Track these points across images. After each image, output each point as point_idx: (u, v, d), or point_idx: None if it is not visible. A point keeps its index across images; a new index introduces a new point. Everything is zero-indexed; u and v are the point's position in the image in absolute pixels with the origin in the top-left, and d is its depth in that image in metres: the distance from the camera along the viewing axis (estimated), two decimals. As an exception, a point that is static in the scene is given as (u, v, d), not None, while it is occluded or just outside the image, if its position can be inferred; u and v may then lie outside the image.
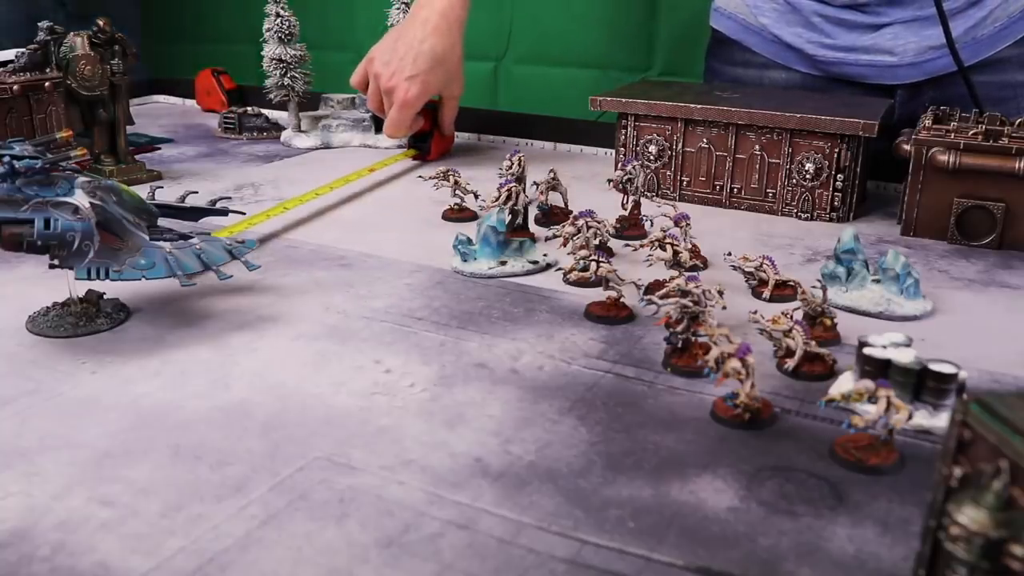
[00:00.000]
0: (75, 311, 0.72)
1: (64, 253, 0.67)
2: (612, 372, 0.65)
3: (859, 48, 1.17)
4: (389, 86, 1.19)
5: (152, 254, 0.70)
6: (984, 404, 0.34)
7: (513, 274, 0.84)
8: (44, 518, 0.48)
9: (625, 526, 0.48)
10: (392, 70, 1.19)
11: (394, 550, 0.46)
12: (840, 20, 1.17)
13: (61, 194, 0.67)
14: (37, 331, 0.72)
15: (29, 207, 0.66)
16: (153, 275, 0.70)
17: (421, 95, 1.19)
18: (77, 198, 0.67)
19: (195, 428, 0.57)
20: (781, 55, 1.24)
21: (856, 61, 1.18)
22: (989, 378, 0.65)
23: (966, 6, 1.12)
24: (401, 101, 1.18)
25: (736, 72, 1.29)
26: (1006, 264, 0.90)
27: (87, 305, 0.73)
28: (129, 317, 0.74)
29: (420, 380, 0.64)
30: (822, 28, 1.19)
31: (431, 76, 1.19)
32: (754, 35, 1.25)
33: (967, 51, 1.11)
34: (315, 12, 1.78)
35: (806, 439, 0.57)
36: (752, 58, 1.27)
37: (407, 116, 1.19)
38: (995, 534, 0.32)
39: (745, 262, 0.79)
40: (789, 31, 1.21)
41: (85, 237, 0.67)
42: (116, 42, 1.35)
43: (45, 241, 0.66)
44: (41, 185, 0.67)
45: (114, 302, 0.75)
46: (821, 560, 0.46)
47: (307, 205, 1.03)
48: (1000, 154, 0.90)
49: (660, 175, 1.10)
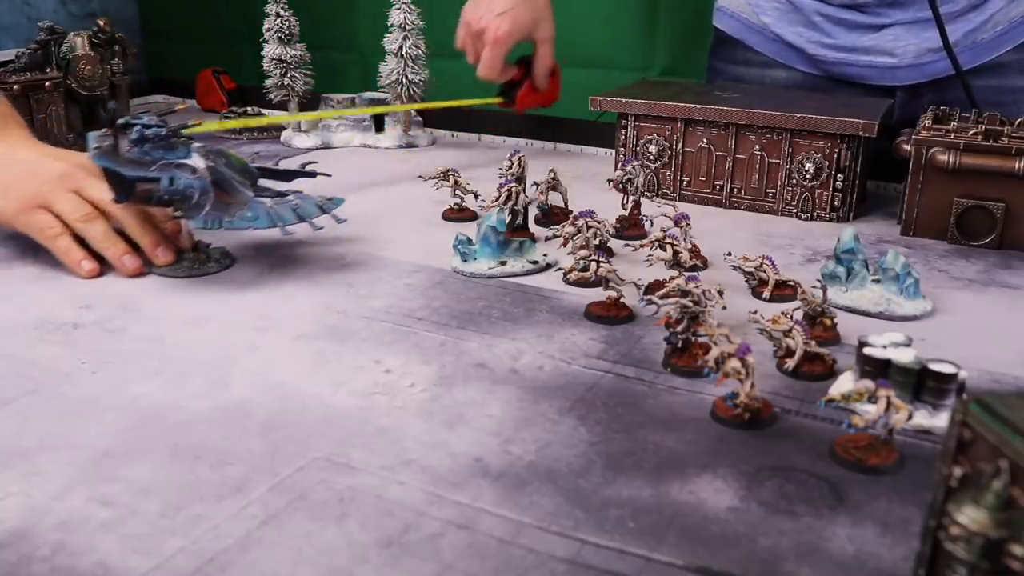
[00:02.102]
0: (189, 257, 0.84)
1: (185, 206, 0.78)
2: (612, 372, 0.65)
3: (859, 49, 1.17)
4: (479, 27, 1.18)
5: (257, 208, 0.81)
6: (984, 404, 0.34)
7: (513, 274, 0.84)
8: (44, 518, 0.48)
9: (625, 526, 0.48)
10: (481, 12, 1.19)
11: (394, 550, 0.46)
12: (840, 20, 1.17)
13: (181, 157, 0.78)
14: (159, 273, 0.83)
15: (156, 167, 0.77)
16: (258, 225, 0.81)
17: (511, 31, 1.18)
18: (194, 160, 0.78)
19: (195, 428, 0.57)
20: (783, 54, 1.24)
21: (856, 62, 1.18)
22: (989, 378, 0.65)
23: (967, 9, 1.12)
24: (492, 39, 1.17)
25: (738, 71, 1.29)
26: (1006, 264, 0.90)
27: (198, 252, 0.85)
28: (234, 263, 0.87)
29: (420, 380, 0.64)
30: (823, 28, 1.19)
31: (520, 11, 1.18)
32: (756, 34, 1.25)
33: (967, 55, 1.11)
34: (315, 12, 1.78)
35: (806, 439, 0.57)
36: (754, 57, 1.27)
37: (499, 54, 1.18)
38: (995, 534, 0.32)
39: (745, 262, 0.79)
40: (790, 30, 1.21)
41: (202, 193, 0.78)
42: (116, 42, 1.35)
43: (170, 196, 0.77)
44: (165, 149, 0.78)
45: (221, 250, 0.87)
46: (821, 560, 0.46)
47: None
48: (1000, 154, 0.90)
49: (660, 175, 1.10)
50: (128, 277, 0.82)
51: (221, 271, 0.85)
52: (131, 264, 0.83)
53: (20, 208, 0.84)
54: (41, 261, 0.86)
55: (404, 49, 1.33)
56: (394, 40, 1.34)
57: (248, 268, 0.86)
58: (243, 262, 0.87)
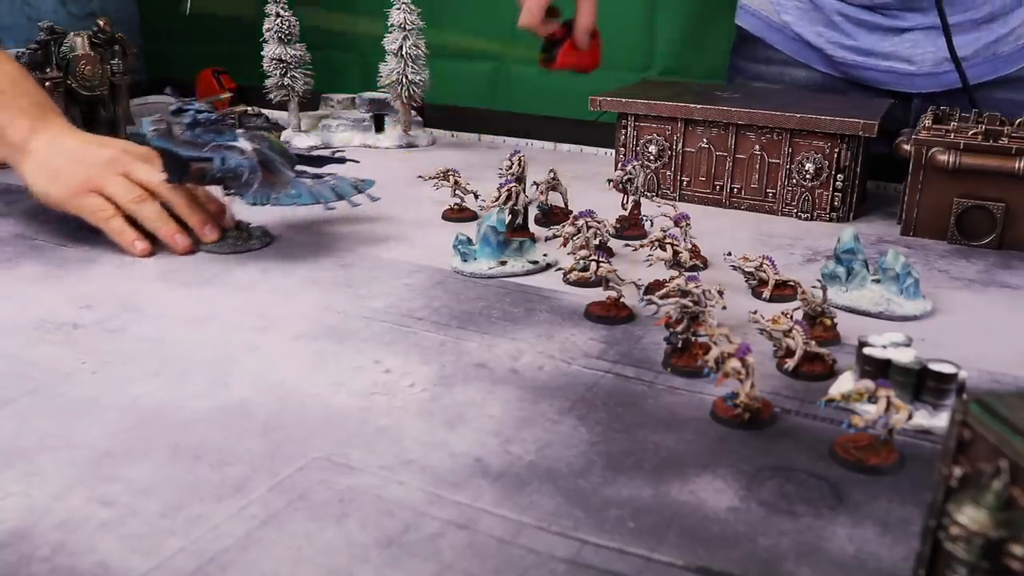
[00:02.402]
0: (233, 235, 0.90)
1: (236, 184, 0.85)
2: (612, 372, 0.65)
3: (878, 53, 1.17)
4: None
5: (299, 186, 0.88)
6: (984, 404, 0.34)
7: (513, 274, 0.84)
8: (44, 518, 0.48)
9: (625, 526, 0.48)
10: None
11: (394, 550, 0.46)
12: (860, 21, 1.17)
13: (229, 140, 0.85)
14: (206, 249, 0.89)
15: (208, 148, 0.84)
16: (301, 202, 0.88)
17: None
18: (241, 143, 0.86)
19: (195, 428, 0.57)
20: (802, 53, 1.24)
21: (875, 66, 1.18)
22: (989, 378, 0.65)
23: (988, 19, 1.11)
24: None
25: (759, 69, 1.29)
26: (1006, 264, 0.90)
27: (240, 231, 0.91)
28: (274, 240, 0.93)
29: (420, 380, 0.64)
30: (843, 28, 1.18)
31: None
32: (776, 32, 1.25)
33: (985, 67, 1.10)
34: (315, 13, 1.78)
35: (806, 439, 0.57)
36: (774, 55, 1.27)
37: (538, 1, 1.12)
38: (995, 534, 0.32)
39: (745, 262, 0.79)
40: (811, 30, 1.21)
41: (251, 172, 0.85)
42: (116, 42, 1.35)
43: (223, 175, 0.84)
44: (215, 132, 0.85)
45: (261, 228, 0.93)
46: (821, 560, 0.46)
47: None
48: (1000, 154, 0.90)
49: (660, 175, 1.10)
50: (180, 254, 0.88)
51: (262, 247, 0.91)
52: (183, 242, 0.88)
53: (72, 192, 0.88)
54: (41, 261, 0.86)
55: (404, 49, 1.33)
56: (394, 40, 1.34)
57: (249, 268, 0.86)
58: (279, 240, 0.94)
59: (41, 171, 0.90)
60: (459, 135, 1.47)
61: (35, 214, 1.02)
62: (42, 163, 0.90)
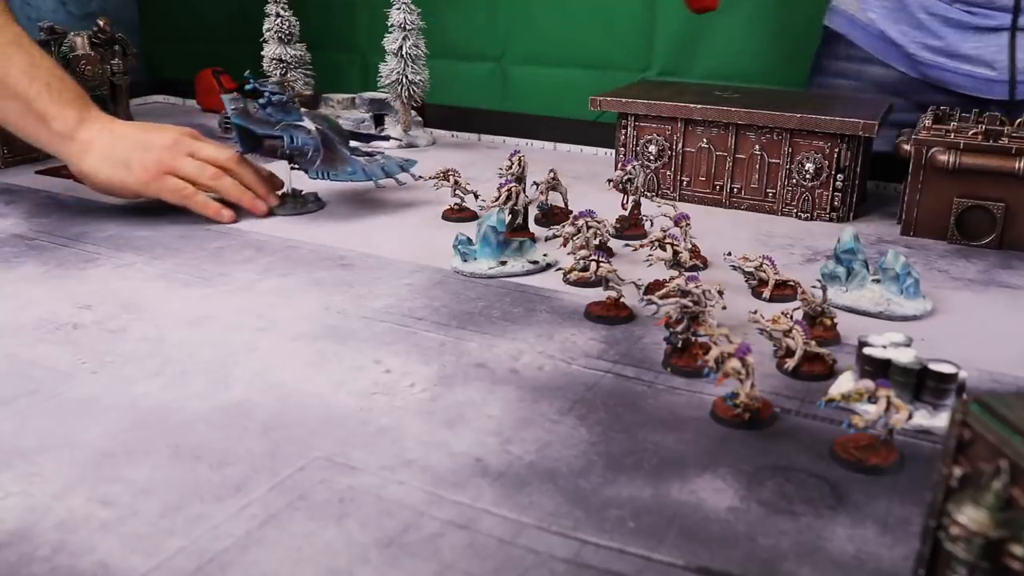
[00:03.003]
0: (291, 200, 1.03)
1: (302, 160, 0.98)
2: (612, 372, 0.65)
3: (960, 55, 1.16)
4: None
5: (354, 164, 1.00)
6: (984, 404, 0.34)
7: (513, 274, 0.84)
8: (44, 518, 0.48)
9: (625, 526, 0.48)
10: None
11: (394, 550, 0.46)
12: (947, 18, 1.16)
13: (295, 119, 0.97)
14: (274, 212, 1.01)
15: (279, 127, 0.97)
16: (356, 179, 1.00)
17: None
18: (307, 123, 0.97)
19: (195, 428, 0.57)
20: (883, 51, 1.24)
21: (956, 69, 1.17)
22: (989, 378, 0.65)
23: None
24: None
25: (840, 66, 1.29)
26: (1006, 264, 0.90)
27: (296, 197, 1.03)
28: (325, 206, 1.05)
29: (420, 380, 0.64)
30: (928, 27, 1.17)
31: None
32: (860, 30, 1.25)
33: None
34: (315, 12, 1.78)
35: (806, 439, 0.57)
36: (856, 53, 1.27)
37: None
38: (995, 534, 0.32)
39: (745, 262, 0.79)
40: (895, 28, 1.21)
41: (315, 150, 0.97)
42: (116, 42, 1.35)
43: (291, 151, 0.97)
44: (284, 112, 0.97)
45: (314, 194, 1.05)
46: (821, 560, 0.46)
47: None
48: (1000, 154, 0.90)
49: (660, 175, 1.10)
50: (260, 217, 0.99)
51: (317, 211, 1.03)
52: (261, 206, 1.00)
53: (151, 177, 0.96)
54: (41, 261, 0.86)
55: (404, 49, 1.33)
56: (394, 40, 1.34)
57: (249, 268, 0.86)
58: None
59: (107, 161, 0.95)
60: (459, 135, 1.47)
61: (35, 214, 1.02)
62: (106, 153, 0.95)
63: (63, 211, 1.04)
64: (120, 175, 0.96)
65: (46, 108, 0.94)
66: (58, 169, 1.22)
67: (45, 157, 1.27)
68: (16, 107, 0.94)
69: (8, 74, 0.92)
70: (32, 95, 0.93)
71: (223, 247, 0.91)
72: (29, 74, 0.94)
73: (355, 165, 0.99)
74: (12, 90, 0.93)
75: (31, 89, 0.94)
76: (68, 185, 1.15)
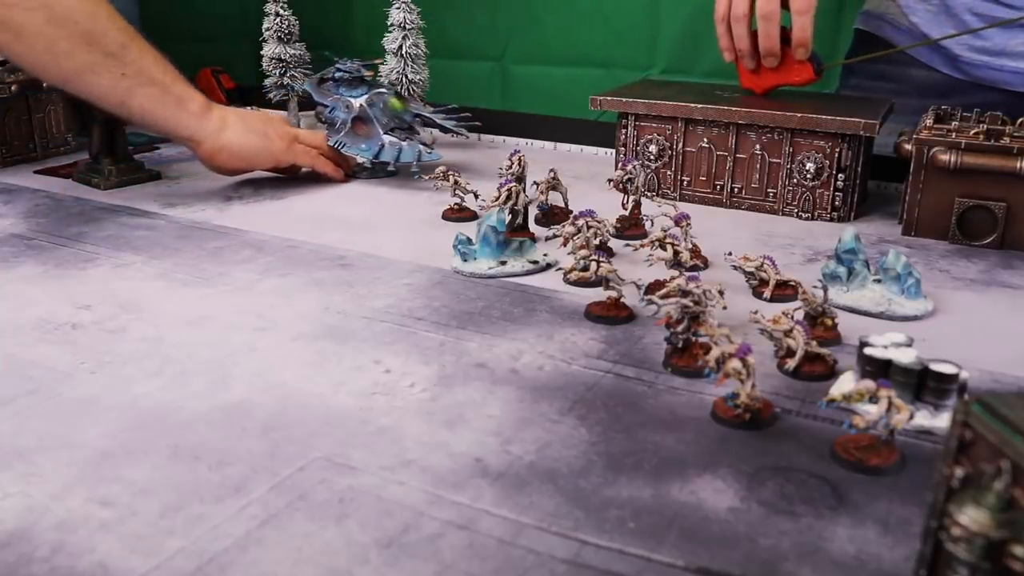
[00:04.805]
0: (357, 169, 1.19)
1: (331, 130, 1.15)
2: (612, 372, 0.65)
3: (1007, 53, 1.16)
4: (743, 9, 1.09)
5: (372, 144, 1.14)
6: (985, 404, 0.34)
7: (513, 274, 0.84)
8: (43, 518, 0.48)
9: (625, 526, 0.48)
10: None
11: (394, 550, 0.46)
12: (994, 18, 1.14)
13: (353, 96, 1.16)
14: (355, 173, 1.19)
15: (331, 99, 1.16)
16: (362, 155, 1.14)
17: None
18: (359, 99, 1.15)
19: (195, 428, 0.57)
20: (925, 55, 1.23)
21: (1002, 67, 1.17)
22: (990, 378, 0.65)
23: None
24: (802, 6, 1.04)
25: (879, 68, 1.28)
26: (1007, 264, 0.89)
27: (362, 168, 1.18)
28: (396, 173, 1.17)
29: (420, 380, 0.64)
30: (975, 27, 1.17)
31: None
32: (903, 34, 1.24)
33: None
34: (315, 12, 1.78)
35: (806, 439, 0.57)
36: (896, 55, 1.25)
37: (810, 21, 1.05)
38: (996, 534, 0.32)
39: (745, 262, 0.79)
40: (939, 32, 1.20)
41: (342, 123, 1.14)
42: (116, 42, 1.34)
43: (325, 120, 1.16)
44: (349, 87, 1.17)
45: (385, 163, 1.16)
46: (821, 560, 0.45)
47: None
48: (1001, 154, 0.90)
49: (660, 175, 1.10)
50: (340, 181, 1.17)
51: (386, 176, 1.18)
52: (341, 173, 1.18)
53: (286, 144, 1.12)
54: (41, 261, 0.86)
55: (404, 49, 1.33)
56: (394, 39, 1.33)
57: (248, 267, 0.86)
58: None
59: (252, 134, 1.09)
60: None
61: (33, 214, 1.02)
62: (244, 126, 1.09)
63: (62, 211, 1.04)
64: (262, 143, 1.10)
65: (183, 91, 1.04)
66: (56, 169, 1.22)
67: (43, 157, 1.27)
68: (154, 92, 1.02)
69: (145, 64, 1.01)
70: (168, 81, 1.03)
71: (222, 247, 0.91)
72: (160, 64, 1.03)
73: (372, 144, 1.13)
74: (149, 77, 1.01)
75: (166, 77, 1.03)
76: (67, 185, 1.15)
